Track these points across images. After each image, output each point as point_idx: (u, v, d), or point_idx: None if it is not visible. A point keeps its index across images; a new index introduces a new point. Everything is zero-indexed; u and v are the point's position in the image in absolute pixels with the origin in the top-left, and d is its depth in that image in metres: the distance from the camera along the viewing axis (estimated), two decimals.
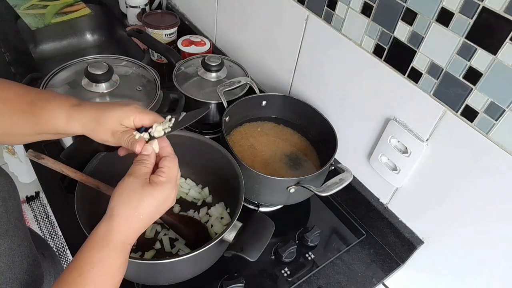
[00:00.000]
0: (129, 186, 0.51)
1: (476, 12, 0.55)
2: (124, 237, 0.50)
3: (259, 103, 0.94)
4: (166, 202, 0.54)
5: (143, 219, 0.51)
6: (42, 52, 1.35)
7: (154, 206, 0.52)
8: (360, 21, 0.72)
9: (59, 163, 0.64)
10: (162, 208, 0.54)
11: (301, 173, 0.86)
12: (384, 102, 0.74)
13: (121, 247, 0.50)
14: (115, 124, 0.55)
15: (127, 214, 0.50)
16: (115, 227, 0.50)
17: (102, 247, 0.49)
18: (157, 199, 0.52)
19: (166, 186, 0.53)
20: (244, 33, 1.07)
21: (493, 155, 0.60)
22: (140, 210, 0.51)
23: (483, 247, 0.67)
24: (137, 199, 0.51)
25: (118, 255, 0.50)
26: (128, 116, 0.55)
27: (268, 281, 0.77)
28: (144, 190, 0.51)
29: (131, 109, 0.55)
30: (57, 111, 0.56)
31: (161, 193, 0.52)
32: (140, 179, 0.52)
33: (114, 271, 0.50)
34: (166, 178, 0.53)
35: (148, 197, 0.51)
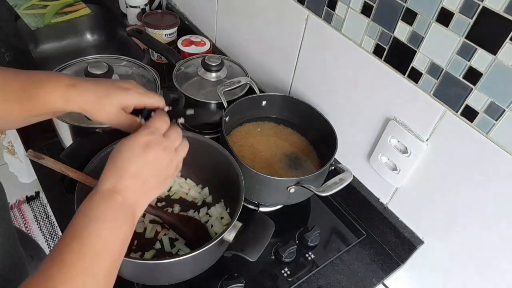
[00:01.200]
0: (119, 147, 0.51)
1: (476, 12, 0.55)
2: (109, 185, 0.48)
3: (259, 103, 0.94)
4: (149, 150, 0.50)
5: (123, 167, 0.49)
6: (42, 52, 1.35)
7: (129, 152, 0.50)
8: (360, 21, 0.72)
9: (59, 163, 0.64)
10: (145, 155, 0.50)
11: (301, 173, 0.86)
12: (384, 102, 0.74)
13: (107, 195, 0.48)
14: (115, 110, 0.55)
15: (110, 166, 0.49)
16: (100, 180, 0.49)
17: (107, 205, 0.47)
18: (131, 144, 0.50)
19: (142, 132, 0.51)
20: (244, 33, 1.07)
21: (493, 155, 0.60)
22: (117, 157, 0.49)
23: (483, 247, 0.67)
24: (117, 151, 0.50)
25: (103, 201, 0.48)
26: (129, 103, 0.55)
27: (268, 281, 0.77)
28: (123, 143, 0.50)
29: (131, 96, 0.55)
30: (53, 94, 0.55)
31: (135, 138, 0.50)
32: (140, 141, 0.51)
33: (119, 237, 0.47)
34: (143, 127, 0.52)
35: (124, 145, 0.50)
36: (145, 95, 0.56)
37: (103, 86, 0.56)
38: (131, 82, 0.58)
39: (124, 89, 0.55)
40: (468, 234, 0.68)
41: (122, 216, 0.48)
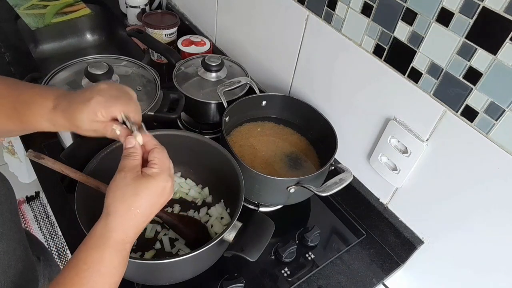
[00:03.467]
0: (122, 181, 0.49)
1: (476, 12, 0.55)
2: (122, 235, 0.49)
3: (259, 103, 0.94)
4: (163, 195, 0.51)
5: (140, 214, 0.49)
6: (42, 52, 1.35)
7: (150, 199, 0.50)
8: (360, 21, 0.72)
9: (59, 163, 0.64)
10: (160, 201, 0.51)
11: (301, 173, 0.86)
12: (384, 102, 0.74)
13: (119, 246, 0.49)
14: (89, 125, 0.54)
15: (122, 211, 0.48)
16: (111, 225, 0.48)
17: (98, 246, 0.48)
18: (153, 191, 0.50)
19: (161, 177, 0.50)
20: (244, 33, 1.07)
21: (493, 155, 0.60)
22: (135, 204, 0.49)
23: (483, 247, 0.67)
24: (131, 194, 0.49)
25: (115, 254, 0.48)
26: (95, 114, 0.53)
27: (268, 281, 0.77)
28: (138, 183, 0.49)
29: (93, 107, 0.52)
30: (39, 118, 0.55)
31: (156, 185, 0.50)
32: (132, 173, 0.50)
33: (111, 271, 0.48)
34: (158, 169, 0.51)
35: (143, 190, 0.49)
36: (106, 105, 0.53)
37: (73, 105, 0.54)
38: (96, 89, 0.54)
39: (85, 102, 0.53)
40: (468, 234, 0.68)
41: (126, 259, 0.51)
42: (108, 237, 0.48)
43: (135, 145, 0.53)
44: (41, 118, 0.55)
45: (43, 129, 0.56)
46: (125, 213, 0.49)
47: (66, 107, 0.54)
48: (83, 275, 0.46)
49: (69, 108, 0.54)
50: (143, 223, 0.51)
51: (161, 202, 0.52)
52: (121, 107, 0.53)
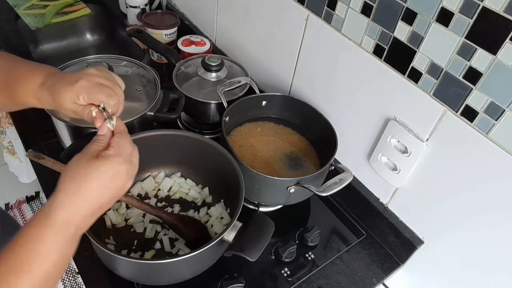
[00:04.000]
0: (76, 161, 0.49)
1: (476, 12, 0.55)
2: (66, 215, 0.46)
3: (259, 103, 0.94)
4: (117, 179, 0.49)
5: (89, 196, 0.47)
6: (42, 52, 1.35)
7: (101, 181, 0.48)
8: (360, 21, 0.72)
9: (59, 163, 0.64)
10: (113, 185, 0.49)
11: (301, 173, 0.86)
12: (384, 102, 0.74)
13: (61, 226, 0.46)
14: (70, 105, 0.55)
15: (70, 190, 0.47)
16: (56, 204, 0.46)
17: (40, 223, 0.45)
18: (104, 173, 0.48)
19: (114, 160, 0.49)
20: (244, 33, 1.07)
21: (493, 155, 0.60)
22: (85, 184, 0.47)
23: (483, 247, 0.67)
24: (82, 173, 0.47)
25: (56, 234, 0.45)
26: (77, 96, 0.53)
27: (268, 281, 0.77)
28: (90, 163, 0.48)
29: (78, 89, 0.53)
30: (27, 93, 0.57)
31: (108, 166, 0.48)
32: (88, 154, 0.49)
33: (50, 251, 0.45)
34: (114, 152, 0.50)
35: (94, 171, 0.47)
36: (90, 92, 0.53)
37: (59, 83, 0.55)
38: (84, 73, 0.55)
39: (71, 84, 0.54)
40: (468, 234, 0.68)
41: (71, 244, 0.48)
42: (51, 215, 0.46)
43: (106, 133, 0.53)
44: (28, 93, 0.57)
45: (30, 104, 0.58)
46: (73, 193, 0.47)
47: (52, 84, 0.56)
48: (19, 250, 0.44)
49: (54, 86, 0.55)
50: (94, 206, 0.48)
51: (116, 186, 0.49)
52: (103, 97, 0.54)
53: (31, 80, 0.57)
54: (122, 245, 0.75)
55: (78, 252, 0.75)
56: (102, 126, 0.53)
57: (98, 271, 0.73)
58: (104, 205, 0.50)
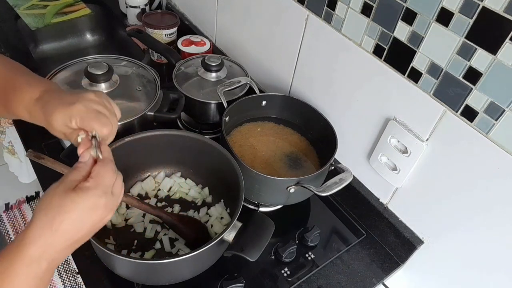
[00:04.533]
0: (52, 191, 0.45)
1: (476, 12, 0.55)
2: (38, 250, 0.43)
3: (259, 103, 0.94)
4: (93, 213, 0.46)
5: (64, 230, 0.44)
6: (42, 52, 1.35)
7: (77, 215, 0.45)
8: (360, 21, 0.72)
9: (59, 163, 0.63)
10: (90, 218, 0.46)
11: (301, 173, 0.86)
12: (384, 102, 0.74)
13: (33, 263, 0.43)
14: (60, 127, 0.52)
15: (44, 223, 0.44)
16: (28, 236, 0.43)
17: (10, 256, 0.43)
18: (81, 206, 0.45)
19: (92, 193, 0.46)
20: (244, 33, 1.07)
21: (493, 155, 0.60)
22: (59, 218, 0.44)
23: (483, 247, 0.67)
24: (56, 205, 0.44)
25: (26, 269, 0.43)
26: (70, 119, 0.51)
27: (268, 281, 0.77)
28: (66, 195, 0.45)
29: (73, 112, 0.51)
30: (21, 107, 0.55)
31: (86, 199, 0.45)
32: (65, 185, 0.46)
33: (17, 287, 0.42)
34: (92, 183, 0.47)
35: (69, 204, 0.44)
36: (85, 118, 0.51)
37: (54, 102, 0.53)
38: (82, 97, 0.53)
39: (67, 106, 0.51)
40: (468, 233, 0.68)
41: (42, 280, 0.45)
42: (22, 249, 0.43)
43: (87, 161, 0.50)
44: (21, 105, 0.55)
45: (21, 117, 0.57)
46: (46, 226, 0.44)
47: (47, 101, 0.54)
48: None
49: (48, 103, 0.53)
50: (69, 241, 0.46)
51: (92, 220, 0.47)
52: (96, 125, 0.52)
53: (27, 92, 0.55)
54: (122, 245, 0.75)
55: (78, 252, 0.75)
56: (84, 153, 0.50)
57: (98, 271, 0.73)
58: (80, 239, 0.47)
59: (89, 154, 0.50)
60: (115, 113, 0.56)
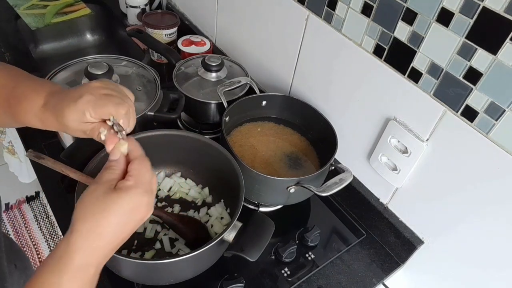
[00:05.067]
0: (92, 195, 0.44)
1: (476, 12, 0.55)
2: (85, 258, 0.43)
3: (259, 103, 0.94)
4: (137, 212, 0.46)
5: (109, 234, 0.44)
6: (42, 52, 1.35)
7: (121, 217, 0.44)
8: (360, 21, 0.72)
9: (59, 163, 0.63)
10: (133, 219, 0.46)
11: (301, 173, 0.86)
12: (384, 102, 0.74)
13: (80, 270, 0.43)
14: (77, 125, 0.50)
15: (88, 230, 0.43)
16: (73, 247, 0.42)
17: (57, 270, 0.42)
18: (124, 207, 0.44)
19: (134, 192, 0.45)
20: (244, 33, 1.07)
21: (493, 155, 0.60)
22: (103, 222, 0.43)
23: (483, 247, 0.67)
24: (100, 210, 0.43)
25: (74, 280, 0.42)
26: (83, 114, 0.49)
27: (268, 281, 0.77)
28: (108, 198, 0.43)
29: (82, 105, 0.49)
30: (28, 113, 0.53)
31: (128, 200, 0.44)
32: (104, 186, 0.45)
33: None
34: (133, 182, 0.45)
35: (112, 206, 0.43)
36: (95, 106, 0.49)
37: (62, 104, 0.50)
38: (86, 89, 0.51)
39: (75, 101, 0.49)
40: (468, 234, 0.68)
41: (91, 285, 0.45)
42: (68, 260, 0.42)
43: (119, 158, 0.48)
44: (30, 114, 0.53)
45: (33, 125, 0.54)
46: (91, 232, 0.43)
47: (55, 105, 0.51)
48: None
49: (57, 106, 0.51)
50: (113, 244, 0.45)
51: (135, 220, 0.46)
52: (112, 108, 0.49)
53: (32, 100, 0.52)
54: (122, 245, 0.74)
55: None
56: (114, 151, 0.48)
57: None
58: (123, 239, 0.46)
59: (119, 151, 0.48)
60: (127, 94, 0.54)
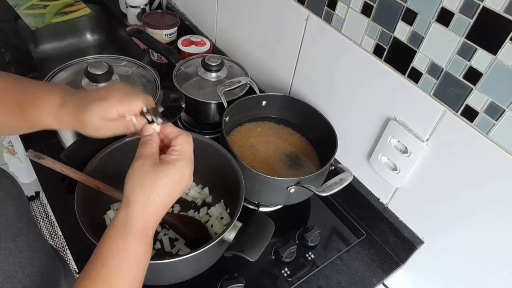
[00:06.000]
0: (140, 169, 0.50)
1: (476, 12, 0.55)
2: (143, 223, 0.49)
3: (259, 103, 0.94)
4: (182, 181, 0.52)
5: (160, 201, 0.50)
6: (42, 52, 1.35)
7: (169, 186, 0.50)
8: (360, 21, 0.72)
9: (59, 163, 0.64)
10: (179, 187, 0.52)
11: (301, 173, 0.86)
12: (384, 102, 0.74)
13: (141, 233, 0.49)
14: (98, 121, 0.53)
15: (143, 199, 0.49)
16: (132, 214, 0.48)
17: (122, 235, 0.48)
18: (172, 178, 0.50)
19: (180, 164, 0.51)
20: (244, 33, 1.07)
21: (493, 155, 0.60)
22: (155, 192, 0.49)
23: (483, 247, 0.67)
24: (150, 182, 0.49)
25: (139, 241, 0.49)
26: (109, 110, 0.53)
27: (268, 281, 0.77)
28: (156, 170, 0.49)
29: (111, 102, 0.53)
30: (44, 113, 0.55)
31: (175, 171, 0.50)
32: (150, 160, 0.50)
33: (136, 258, 0.49)
34: (178, 155, 0.51)
35: (162, 178, 0.49)
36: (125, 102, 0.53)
37: (83, 101, 0.54)
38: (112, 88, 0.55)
39: (101, 100, 0.53)
40: (468, 234, 0.68)
41: (150, 245, 0.51)
42: (131, 226, 0.48)
43: (152, 132, 0.53)
44: (47, 114, 0.55)
45: (46, 125, 0.56)
46: (145, 202, 0.49)
47: (76, 102, 0.54)
48: (109, 265, 0.47)
49: (80, 103, 0.54)
50: (163, 209, 0.51)
51: (181, 188, 0.52)
52: (140, 101, 0.54)
53: (48, 100, 0.55)
54: None
55: (79, 252, 0.75)
56: (146, 127, 0.53)
57: None
58: (170, 205, 0.52)
59: (151, 127, 0.53)
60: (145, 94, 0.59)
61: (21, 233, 0.56)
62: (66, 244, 0.80)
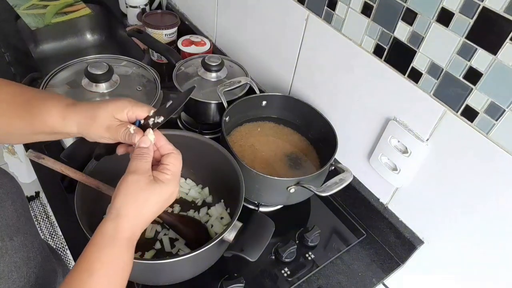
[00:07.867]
0: (135, 185, 0.51)
1: (476, 12, 0.55)
2: (131, 234, 0.51)
3: (259, 103, 0.94)
4: (171, 198, 0.55)
5: (149, 215, 0.52)
6: (42, 52, 1.35)
7: (160, 203, 0.53)
8: (360, 21, 0.72)
9: (59, 163, 0.64)
10: (167, 204, 0.55)
11: (301, 173, 0.86)
12: (384, 102, 0.74)
13: (128, 244, 0.51)
14: (108, 118, 0.55)
15: (134, 214, 0.51)
16: (122, 227, 0.50)
17: (112, 246, 0.49)
18: (163, 196, 0.53)
19: (172, 184, 0.53)
20: (244, 33, 1.07)
21: (493, 155, 0.60)
22: (147, 208, 0.52)
23: (483, 247, 0.67)
24: (143, 199, 0.51)
25: (125, 252, 0.51)
26: (122, 109, 0.55)
27: (268, 281, 0.77)
28: (151, 189, 0.52)
29: (123, 103, 0.55)
30: (52, 110, 0.56)
31: (167, 190, 0.53)
32: (145, 177, 0.52)
33: (123, 267, 0.51)
34: (171, 175, 0.54)
35: (155, 196, 0.52)
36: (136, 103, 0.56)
37: (97, 103, 0.57)
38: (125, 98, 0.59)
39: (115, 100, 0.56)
40: (468, 234, 0.68)
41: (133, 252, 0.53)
42: (119, 238, 0.50)
43: (149, 146, 0.55)
44: (55, 111, 0.56)
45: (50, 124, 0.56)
46: (136, 216, 0.51)
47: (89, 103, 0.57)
48: (97, 275, 0.48)
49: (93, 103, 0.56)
50: (150, 221, 0.54)
51: (168, 204, 0.55)
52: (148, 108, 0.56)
53: (60, 99, 0.57)
54: None
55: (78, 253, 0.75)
56: (144, 139, 0.54)
57: None
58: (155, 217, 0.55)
59: (149, 139, 0.55)
60: None
61: (18, 232, 0.57)
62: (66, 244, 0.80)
